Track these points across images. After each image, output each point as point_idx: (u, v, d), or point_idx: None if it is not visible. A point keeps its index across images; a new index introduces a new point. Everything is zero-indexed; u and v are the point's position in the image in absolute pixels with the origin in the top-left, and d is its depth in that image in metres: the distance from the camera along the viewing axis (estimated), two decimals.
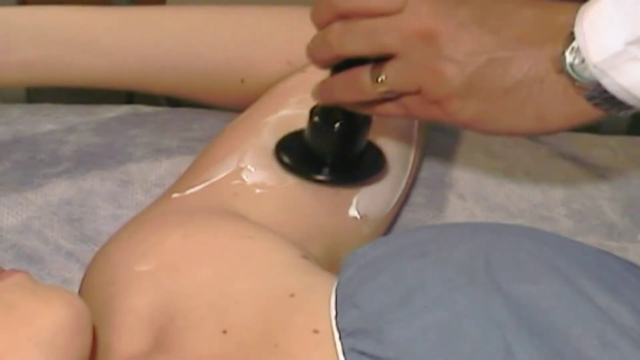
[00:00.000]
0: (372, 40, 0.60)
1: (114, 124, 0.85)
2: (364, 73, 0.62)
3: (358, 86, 0.62)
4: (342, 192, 0.71)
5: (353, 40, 0.60)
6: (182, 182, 0.72)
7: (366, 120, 0.69)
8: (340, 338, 0.53)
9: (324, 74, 0.66)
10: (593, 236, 0.81)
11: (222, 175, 0.69)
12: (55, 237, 0.77)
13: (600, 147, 0.88)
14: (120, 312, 0.61)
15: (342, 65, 0.64)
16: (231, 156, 0.71)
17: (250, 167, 0.70)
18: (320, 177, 0.70)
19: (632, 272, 0.56)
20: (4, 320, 0.52)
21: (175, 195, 0.70)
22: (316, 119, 0.69)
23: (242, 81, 0.79)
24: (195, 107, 0.88)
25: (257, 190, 0.69)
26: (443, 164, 0.85)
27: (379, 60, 0.61)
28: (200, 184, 0.69)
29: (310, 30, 0.64)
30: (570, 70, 0.55)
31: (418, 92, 0.60)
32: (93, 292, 0.65)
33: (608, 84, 0.55)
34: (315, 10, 0.63)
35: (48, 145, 0.82)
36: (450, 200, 0.83)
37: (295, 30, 0.77)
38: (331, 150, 0.70)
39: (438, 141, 0.86)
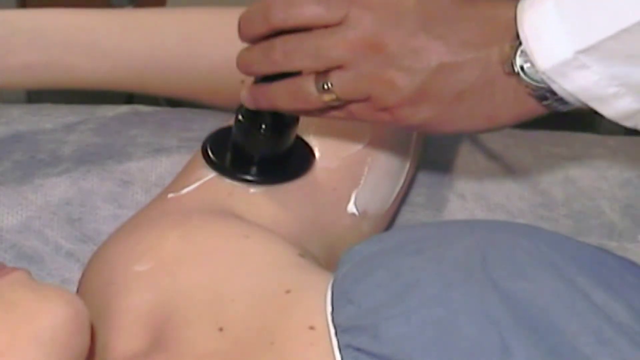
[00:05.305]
0: (320, 56, 0.58)
1: (114, 124, 0.85)
2: (308, 82, 0.60)
3: (302, 95, 0.60)
4: (340, 188, 0.71)
5: (300, 58, 0.59)
6: (177, 182, 0.72)
7: (293, 120, 0.68)
8: (336, 334, 0.53)
9: None
10: (593, 236, 0.81)
11: (215, 173, 0.69)
12: (55, 237, 0.77)
13: (600, 147, 0.88)
14: (118, 312, 0.61)
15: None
16: None
17: None
18: (248, 177, 0.68)
19: (629, 270, 0.56)
20: (4, 318, 0.52)
21: (171, 195, 0.70)
22: (241, 119, 0.68)
23: (243, 82, 0.79)
24: (195, 107, 0.88)
25: (252, 190, 0.69)
26: (443, 164, 0.85)
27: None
28: (194, 182, 0.69)
29: None
30: (521, 73, 0.55)
31: (366, 99, 0.59)
32: (91, 292, 0.65)
33: (556, 88, 0.55)
34: (246, 22, 0.61)
35: (48, 145, 0.82)
36: (450, 200, 0.83)
37: None
38: (258, 150, 0.69)
39: (438, 141, 0.86)
